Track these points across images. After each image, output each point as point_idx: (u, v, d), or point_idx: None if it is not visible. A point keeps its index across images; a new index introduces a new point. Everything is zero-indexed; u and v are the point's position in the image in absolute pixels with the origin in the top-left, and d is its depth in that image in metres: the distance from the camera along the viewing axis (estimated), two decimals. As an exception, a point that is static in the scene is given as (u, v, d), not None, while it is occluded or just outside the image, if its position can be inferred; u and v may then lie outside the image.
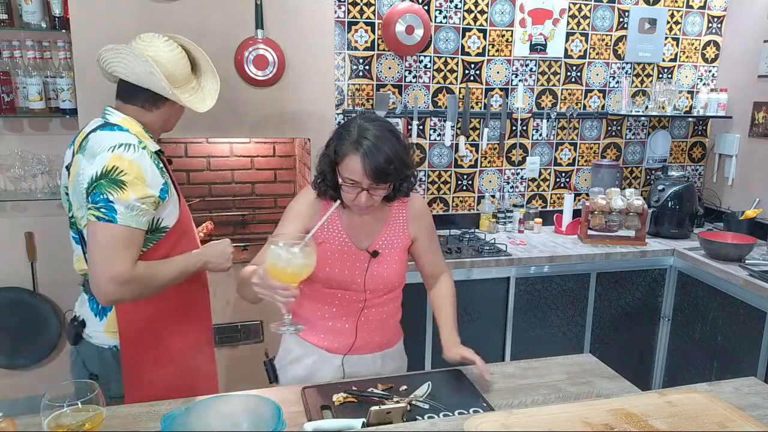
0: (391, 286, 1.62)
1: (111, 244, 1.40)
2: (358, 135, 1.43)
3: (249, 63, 2.26)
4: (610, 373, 1.61)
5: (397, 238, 1.63)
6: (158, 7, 2.16)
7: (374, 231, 1.61)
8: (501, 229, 3.27)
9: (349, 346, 1.61)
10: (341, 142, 1.46)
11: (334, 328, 1.61)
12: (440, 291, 1.75)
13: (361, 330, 1.61)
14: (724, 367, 2.72)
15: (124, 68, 1.50)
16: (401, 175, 1.50)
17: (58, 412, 1.08)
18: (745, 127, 3.37)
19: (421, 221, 1.68)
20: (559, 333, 2.95)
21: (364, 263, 1.57)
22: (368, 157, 1.40)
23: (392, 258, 1.61)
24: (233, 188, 2.98)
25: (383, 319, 1.65)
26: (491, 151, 3.32)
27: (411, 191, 1.61)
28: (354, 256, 1.57)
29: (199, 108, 1.61)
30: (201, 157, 2.91)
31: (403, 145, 1.48)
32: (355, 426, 1.26)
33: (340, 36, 2.94)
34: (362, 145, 1.41)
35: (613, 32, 3.36)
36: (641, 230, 3.05)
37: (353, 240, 1.58)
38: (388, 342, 1.69)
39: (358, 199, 1.47)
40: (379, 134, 1.43)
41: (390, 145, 1.43)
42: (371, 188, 1.45)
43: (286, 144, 3.00)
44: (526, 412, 1.21)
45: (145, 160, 1.46)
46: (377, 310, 1.63)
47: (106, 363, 1.57)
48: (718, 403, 1.26)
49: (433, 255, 1.74)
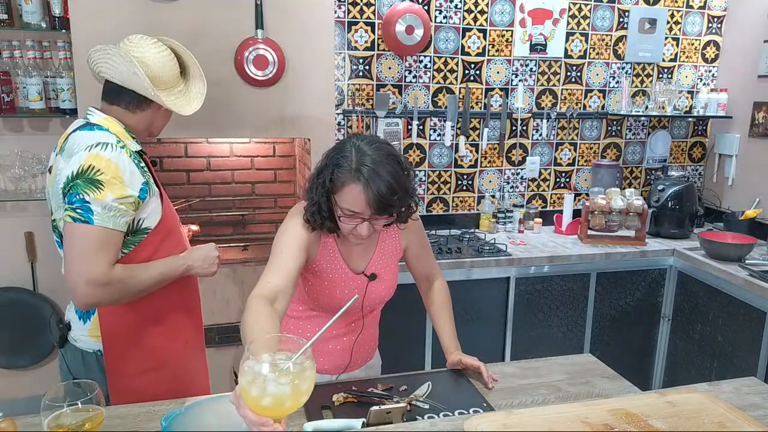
0: (386, 301, 1.64)
1: (87, 245, 1.36)
2: (357, 162, 1.30)
3: (249, 63, 2.26)
4: (610, 373, 1.61)
5: (390, 255, 1.59)
6: (158, 7, 2.16)
7: (368, 252, 1.55)
8: (501, 229, 3.27)
9: (343, 367, 1.61)
10: (339, 170, 1.31)
11: (332, 349, 1.60)
12: (436, 299, 1.72)
13: (356, 349, 1.62)
14: (724, 367, 2.72)
15: (110, 69, 1.48)
16: (405, 204, 1.40)
17: (58, 412, 1.08)
18: (745, 127, 3.37)
19: (412, 230, 1.60)
20: (559, 333, 2.95)
21: (362, 287, 1.53)
22: (371, 187, 1.27)
23: (388, 276, 1.58)
24: (233, 188, 2.98)
25: (371, 333, 1.67)
26: (491, 151, 3.32)
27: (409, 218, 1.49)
28: (353, 282, 1.52)
29: (183, 111, 1.58)
30: (201, 157, 2.91)
31: (404, 170, 1.35)
32: (355, 426, 1.26)
33: (340, 36, 2.94)
34: (363, 173, 1.28)
35: (613, 32, 3.36)
36: (641, 230, 3.05)
37: (350, 266, 1.52)
38: (372, 353, 1.72)
39: (358, 230, 1.36)
40: (379, 160, 1.30)
41: (392, 171, 1.30)
42: (373, 218, 1.35)
43: (286, 144, 3.00)
44: (526, 412, 1.21)
45: (122, 158, 1.42)
46: (370, 326, 1.65)
47: (90, 368, 1.53)
48: (718, 403, 1.26)
49: (424, 258, 1.70)
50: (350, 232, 1.38)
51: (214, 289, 2.44)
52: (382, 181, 1.28)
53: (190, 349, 1.68)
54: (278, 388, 0.95)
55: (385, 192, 1.28)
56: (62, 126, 2.69)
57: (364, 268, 1.54)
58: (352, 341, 1.60)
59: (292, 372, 0.97)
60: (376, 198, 1.28)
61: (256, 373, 0.95)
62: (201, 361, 1.73)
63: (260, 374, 0.95)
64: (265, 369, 0.96)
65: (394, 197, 1.30)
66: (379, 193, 1.28)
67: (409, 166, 1.39)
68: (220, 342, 2.48)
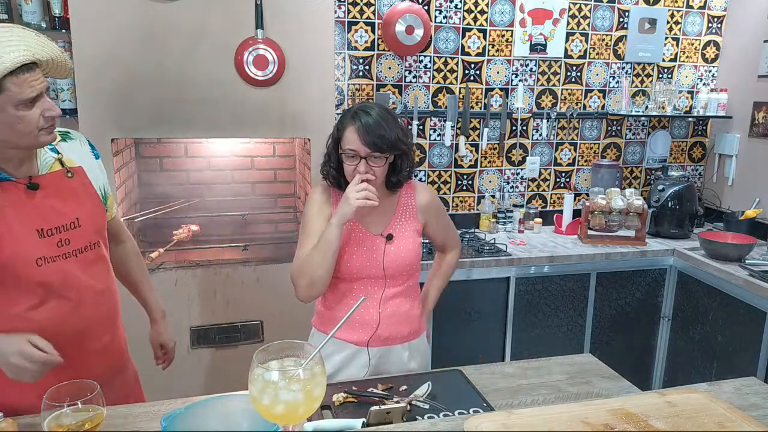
0: (409, 269, 1.67)
1: None
2: (356, 110, 1.58)
3: (249, 63, 2.26)
4: (610, 373, 1.61)
5: (408, 224, 1.69)
6: (158, 7, 2.16)
7: (385, 219, 1.67)
8: (501, 229, 3.27)
9: (369, 333, 1.64)
10: (342, 119, 1.60)
11: (360, 319, 1.64)
12: (439, 267, 1.91)
13: (386, 319, 1.65)
14: (724, 367, 2.72)
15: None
16: (397, 147, 1.57)
17: (58, 412, 1.08)
18: (745, 127, 3.37)
19: (430, 208, 1.75)
20: (559, 333, 2.95)
21: (380, 247, 1.63)
22: (361, 121, 1.53)
23: (407, 240, 1.66)
24: (233, 188, 2.97)
25: (407, 309, 1.70)
26: (491, 151, 3.32)
27: (412, 173, 1.69)
28: (370, 241, 1.63)
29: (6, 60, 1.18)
30: (201, 157, 2.91)
31: (395, 119, 1.59)
32: (355, 426, 1.26)
33: (340, 36, 2.94)
34: (356, 114, 1.56)
35: (613, 32, 3.36)
36: (641, 230, 3.05)
37: (367, 228, 1.65)
38: (414, 333, 1.74)
39: (358, 170, 1.55)
40: (370, 106, 1.58)
41: (380, 113, 1.55)
42: (369, 158, 1.54)
43: (286, 144, 3.00)
44: (526, 412, 1.21)
45: None
46: (400, 300, 1.67)
47: None
48: (718, 403, 1.26)
49: (443, 234, 1.85)
50: (352, 175, 1.56)
51: (214, 288, 2.44)
52: (370, 118, 1.53)
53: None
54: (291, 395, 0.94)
55: (372, 124, 1.52)
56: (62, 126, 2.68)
57: (381, 231, 1.66)
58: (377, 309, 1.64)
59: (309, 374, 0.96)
60: (364, 130, 1.52)
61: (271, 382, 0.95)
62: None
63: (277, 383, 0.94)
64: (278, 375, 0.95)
65: (380, 131, 1.52)
66: (366, 126, 1.52)
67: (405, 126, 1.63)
68: (219, 342, 2.48)
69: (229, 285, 2.45)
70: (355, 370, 1.65)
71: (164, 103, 2.23)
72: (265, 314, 2.50)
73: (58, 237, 1.36)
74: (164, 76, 2.23)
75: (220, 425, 1.20)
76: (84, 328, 1.42)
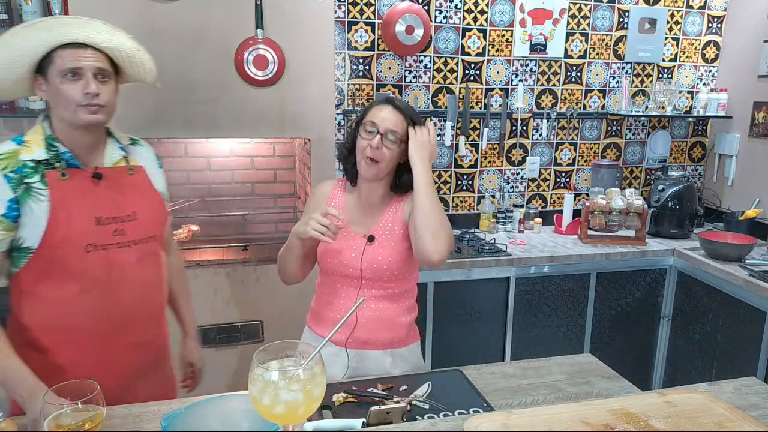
0: (388, 274, 1.62)
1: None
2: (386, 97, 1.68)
3: (249, 63, 2.26)
4: (610, 373, 1.61)
5: (394, 227, 1.66)
6: (158, 7, 2.16)
7: (373, 219, 1.67)
8: (501, 229, 3.27)
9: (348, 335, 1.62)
10: (372, 104, 1.67)
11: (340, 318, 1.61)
12: None
13: (365, 322, 1.62)
14: (724, 367, 2.72)
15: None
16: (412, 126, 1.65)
17: (58, 412, 1.08)
18: (745, 127, 3.37)
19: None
20: (559, 333, 2.95)
21: (360, 247, 1.63)
22: (390, 99, 1.64)
23: (388, 245, 1.64)
24: (233, 188, 2.97)
25: (390, 316, 1.66)
26: (491, 151, 3.32)
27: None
28: (351, 240, 1.64)
29: (74, 35, 1.37)
30: (201, 157, 2.90)
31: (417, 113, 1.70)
32: (355, 426, 1.26)
33: (340, 36, 2.94)
34: (389, 97, 1.67)
35: (613, 32, 3.36)
36: (641, 230, 3.05)
37: (352, 226, 1.67)
38: (399, 341, 1.69)
39: (372, 143, 1.58)
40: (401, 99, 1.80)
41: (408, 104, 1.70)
42: (386, 136, 1.58)
43: (286, 144, 3.00)
44: (526, 412, 1.21)
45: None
46: (383, 305, 1.64)
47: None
48: (718, 403, 1.26)
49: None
50: (364, 149, 1.59)
51: (214, 289, 2.44)
52: (399, 100, 1.66)
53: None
54: (297, 396, 0.95)
55: (399, 103, 1.64)
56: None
57: (365, 232, 1.65)
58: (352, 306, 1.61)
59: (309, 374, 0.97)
60: (393, 103, 1.62)
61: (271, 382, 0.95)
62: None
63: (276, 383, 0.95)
64: (275, 376, 0.96)
65: (404, 108, 1.63)
66: (394, 101, 1.64)
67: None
68: (219, 342, 2.48)
69: (229, 285, 2.45)
70: (336, 370, 1.62)
71: (164, 103, 2.23)
72: (265, 314, 2.50)
73: (114, 226, 1.44)
74: (164, 76, 2.21)
75: (220, 425, 1.20)
76: (128, 319, 1.47)
